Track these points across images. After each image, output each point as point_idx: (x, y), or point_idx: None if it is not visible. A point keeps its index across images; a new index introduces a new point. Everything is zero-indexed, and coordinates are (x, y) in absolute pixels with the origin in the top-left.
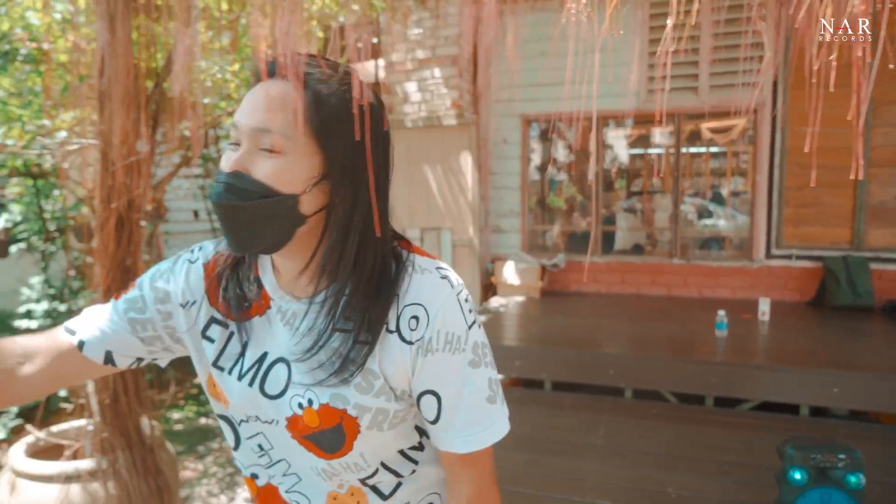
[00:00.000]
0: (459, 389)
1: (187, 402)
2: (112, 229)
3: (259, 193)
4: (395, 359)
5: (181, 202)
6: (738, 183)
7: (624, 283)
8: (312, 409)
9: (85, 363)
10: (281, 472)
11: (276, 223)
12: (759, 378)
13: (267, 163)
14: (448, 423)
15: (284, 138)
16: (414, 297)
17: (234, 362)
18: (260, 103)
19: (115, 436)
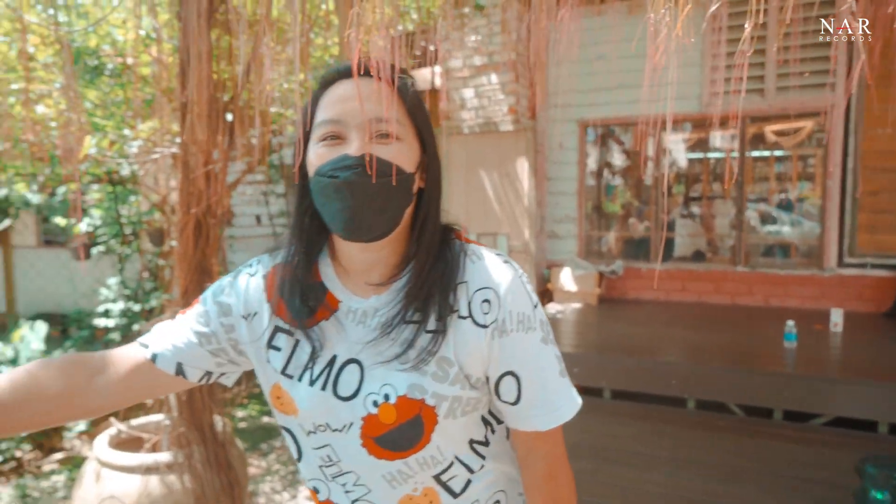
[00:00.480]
0: (536, 367)
1: (251, 401)
2: (191, 233)
3: (388, 172)
4: (469, 344)
5: (245, 207)
6: (805, 188)
7: (685, 291)
8: (389, 403)
9: (157, 376)
10: (352, 482)
11: (398, 200)
12: (834, 392)
13: (388, 148)
14: (529, 402)
15: (399, 126)
16: (482, 281)
17: (303, 369)
18: (369, 96)
19: (190, 431)
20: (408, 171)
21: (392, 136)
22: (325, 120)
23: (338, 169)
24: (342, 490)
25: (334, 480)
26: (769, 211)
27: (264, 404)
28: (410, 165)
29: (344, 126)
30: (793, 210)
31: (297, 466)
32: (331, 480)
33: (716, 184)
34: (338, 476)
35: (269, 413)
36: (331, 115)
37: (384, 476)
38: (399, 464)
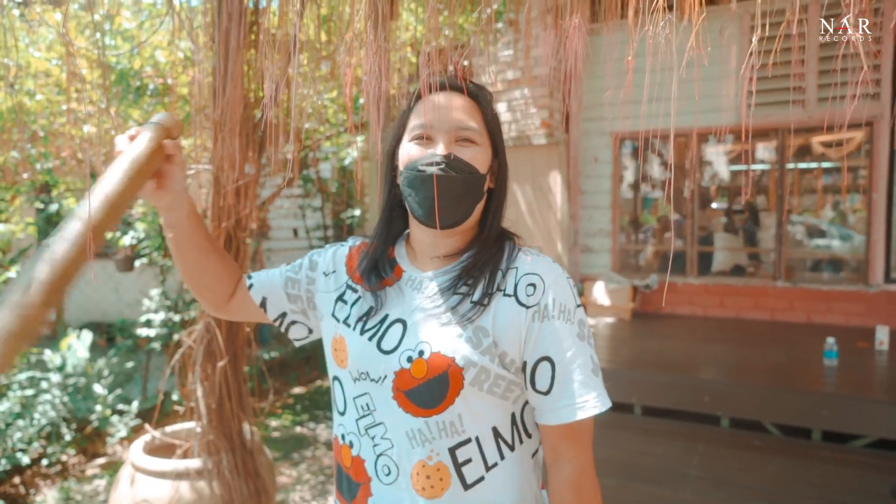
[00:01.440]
0: (571, 357)
1: (284, 411)
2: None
3: (468, 170)
4: (509, 319)
5: (282, 220)
6: (855, 201)
7: (723, 307)
8: (422, 359)
9: (247, 300)
10: (380, 435)
11: (472, 196)
12: (876, 413)
13: (468, 150)
14: (560, 390)
15: (478, 133)
16: (531, 268)
17: (358, 320)
18: (455, 107)
19: (219, 438)
20: (481, 172)
21: (472, 142)
22: (419, 124)
23: (426, 164)
24: (371, 444)
25: (366, 433)
26: (813, 224)
27: (297, 414)
28: (484, 168)
29: (433, 130)
30: (838, 223)
31: (325, 472)
32: (363, 434)
33: (759, 196)
34: (371, 427)
35: (302, 423)
36: (423, 121)
37: (407, 433)
38: (420, 422)
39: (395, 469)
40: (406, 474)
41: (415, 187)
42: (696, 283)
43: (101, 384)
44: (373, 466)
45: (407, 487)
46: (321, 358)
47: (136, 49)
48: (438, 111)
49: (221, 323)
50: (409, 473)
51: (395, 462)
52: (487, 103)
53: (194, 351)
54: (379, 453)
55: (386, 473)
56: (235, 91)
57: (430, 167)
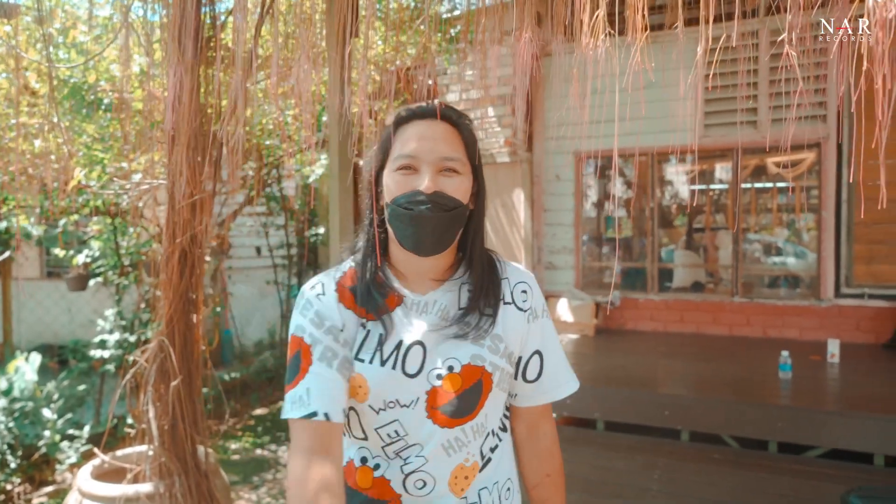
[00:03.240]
0: (553, 348)
1: (244, 432)
2: (176, 263)
3: (453, 205)
4: (513, 324)
5: (244, 238)
6: (808, 219)
7: (683, 322)
8: (454, 373)
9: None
10: (414, 454)
11: (455, 227)
12: (829, 424)
13: (451, 181)
14: (547, 377)
15: (460, 163)
16: (519, 277)
17: (373, 353)
18: (439, 137)
19: (172, 461)
20: (464, 203)
21: (455, 171)
22: (403, 154)
23: (412, 203)
24: (400, 464)
25: (397, 457)
26: (767, 242)
27: (258, 436)
28: (466, 197)
29: (418, 161)
30: (792, 241)
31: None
32: (393, 458)
33: (718, 215)
34: (402, 450)
35: (263, 446)
36: (408, 151)
37: (443, 445)
38: (457, 430)
39: (432, 480)
40: (444, 481)
41: (402, 223)
42: (657, 299)
43: (50, 408)
44: (401, 484)
45: (444, 492)
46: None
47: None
48: (422, 142)
49: (175, 341)
50: (446, 479)
51: (431, 474)
52: (468, 130)
53: (146, 370)
54: (409, 472)
55: (419, 487)
56: (189, 105)
57: (415, 206)
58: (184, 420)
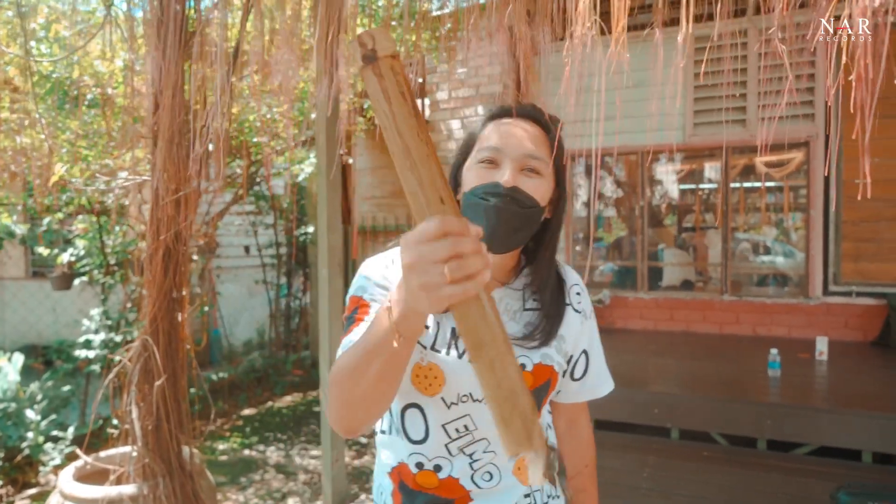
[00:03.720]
0: (598, 348)
1: (233, 433)
2: (160, 261)
3: (529, 204)
4: (571, 325)
5: (233, 238)
6: (797, 218)
7: (672, 320)
8: (526, 371)
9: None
10: (482, 450)
11: (530, 227)
12: (817, 421)
13: (531, 181)
14: (591, 376)
15: (544, 164)
16: (573, 280)
17: (447, 345)
18: (526, 136)
19: (156, 462)
20: (541, 206)
21: (537, 172)
22: (489, 146)
23: (489, 194)
24: (467, 462)
25: (461, 453)
26: (757, 240)
27: (246, 437)
28: (544, 200)
29: (501, 154)
30: (781, 240)
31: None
32: (455, 455)
33: (707, 214)
34: (468, 446)
35: (251, 446)
36: (494, 143)
37: None
38: None
39: (498, 471)
40: (508, 471)
41: (475, 213)
42: (647, 297)
43: (33, 409)
44: (469, 480)
45: (509, 481)
46: (273, 377)
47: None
48: (508, 138)
49: (159, 340)
50: (511, 470)
51: (498, 466)
52: (556, 135)
53: (130, 370)
54: (478, 467)
55: (487, 480)
56: (174, 100)
57: (492, 198)
58: (168, 420)
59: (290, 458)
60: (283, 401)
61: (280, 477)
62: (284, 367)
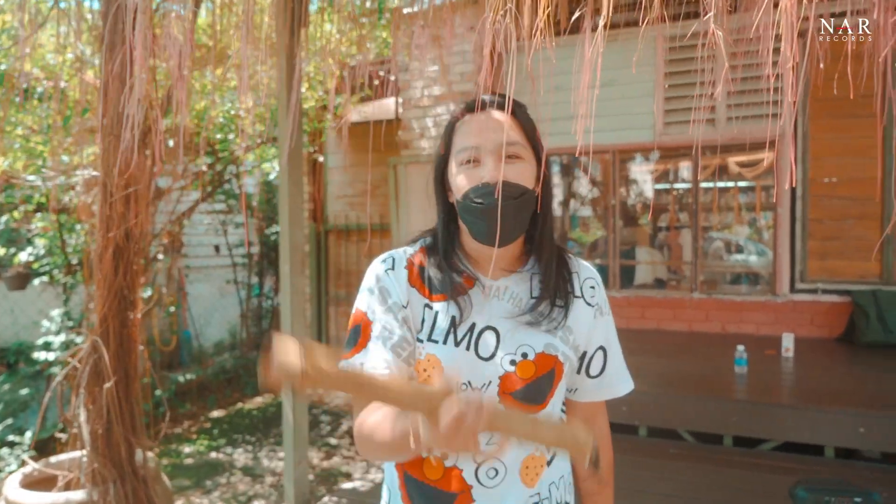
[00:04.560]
0: (616, 346)
1: (200, 435)
2: (110, 259)
3: (520, 191)
4: (581, 317)
5: (202, 237)
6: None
7: (644, 318)
8: (528, 360)
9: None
10: (484, 441)
11: (525, 213)
12: (781, 417)
13: (514, 168)
14: (610, 373)
15: (522, 148)
16: (588, 273)
17: (446, 333)
18: (498, 126)
19: (106, 467)
20: (530, 188)
21: (517, 157)
22: (466, 146)
23: (481, 195)
24: (471, 456)
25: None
26: (727, 239)
27: (214, 439)
28: (531, 182)
29: (479, 151)
30: (752, 239)
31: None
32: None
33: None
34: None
35: (218, 448)
36: (470, 142)
37: None
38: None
39: (503, 468)
40: (514, 471)
41: (473, 216)
42: (619, 295)
43: None
44: (472, 474)
45: (514, 481)
46: (244, 378)
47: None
48: (481, 133)
49: (110, 341)
50: (517, 469)
51: (504, 462)
52: (525, 115)
53: (79, 372)
54: (482, 461)
55: (491, 476)
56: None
57: (484, 198)
58: (121, 423)
59: (257, 460)
60: (253, 402)
61: (246, 480)
62: (255, 368)
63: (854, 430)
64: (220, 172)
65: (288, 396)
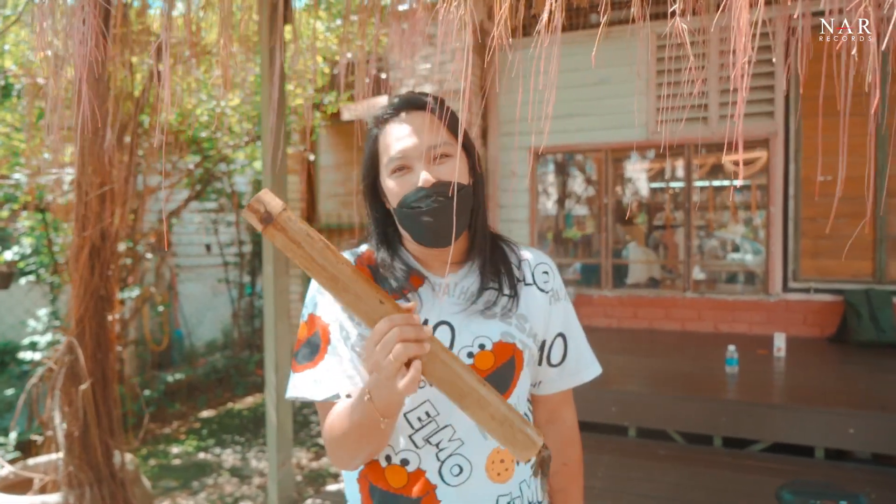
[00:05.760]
0: (576, 331)
1: (188, 436)
2: (86, 258)
3: (456, 188)
4: (536, 304)
5: (193, 236)
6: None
7: (636, 318)
8: (486, 350)
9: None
10: (447, 438)
11: (465, 208)
12: (770, 417)
13: (445, 167)
14: (571, 361)
15: (449, 146)
16: (539, 259)
17: None
18: (418, 128)
19: (82, 470)
20: (465, 184)
21: (447, 155)
22: (391, 158)
23: (417, 201)
24: (434, 452)
25: (427, 443)
26: (720, 238)
27: (202, 439)
28: (465, 177)
29: (408, 159)
30: (745, 237)
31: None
32: (422, 447)
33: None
34: (434, 434)
35: (207, 449)
36: (394, 153)
37: (478, 426)
38: None
39: (468, 465)
40: (480, 466)
41: (414, 222)
42: (612, 295)
43: None
44: (436, 473)
45: (480, 479)
46: (235, 378)
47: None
48: (404, 139)
49: (86, 341)
50: (482, 465)
51: (468, 458)
52: (445, 110)
53: (55, 373)
54: (445, 458)
55: (456, 473)
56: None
57: (421, 203)
58: (97, 426)
59: (245, 461)
60: (243, 402)
61: (234, 481)
62: (247, 368)
63: (844, 431)
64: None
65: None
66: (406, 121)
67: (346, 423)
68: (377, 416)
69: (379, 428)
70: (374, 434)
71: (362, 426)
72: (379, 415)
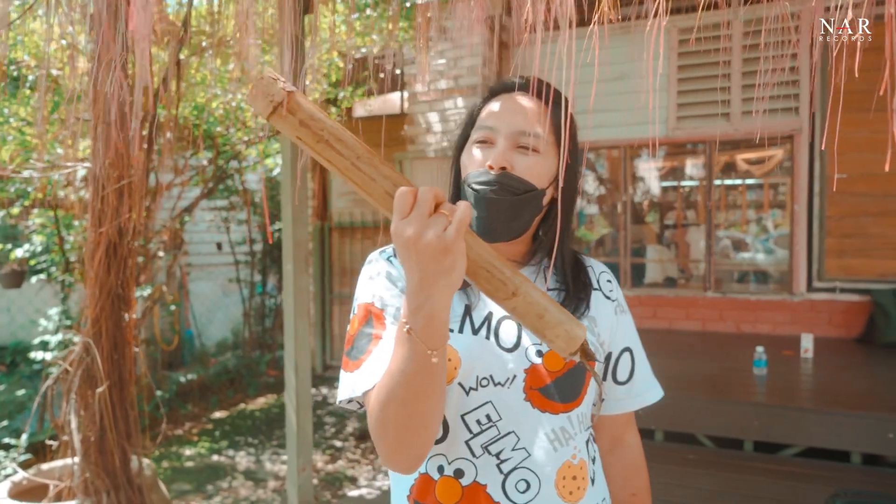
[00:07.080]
0: (640, 348)
1: (201, 437)
2: (102, 256)
3: (523, 189)
4: (602, 310)
5: (204, 234)
6: (777, 215)
7: (656, 318)
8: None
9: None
10: (510, 447)
11: (528, 213)
12: (805, 421)
13: (526, 160)
14: (638, 378)
15: (542, 141)
16: (602, 267)
17: (460, 322)
18: (520, 110)
19: (99, 476)
20: (539, 188)
21: (533, 150)
22: (483, 125)
23: (479, 182)
24: (495, 463)
25: (486, 452)
26: (740, 237)
27: (215, 441)
28: (542, 180)
29: (495, 133)
30: (763, 237)
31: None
32: (479, 456)
33: (689, 211)
34: (494, 442)
35: (220, 451)
36: (487, 123)
37: (547, 435)
38: (563, 418)
39: (536, 480)
40: (549, 482)
41: (473, 203)
42: (630, 294)
43: None
44: (499, 489)
45: (550, 497)
46: (246, 378)
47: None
48: (502, 114)
49: (103, 343)
50: (552, 481)
51: (535, 472)
52: (560, 108)
53: (70, 376)
54: (508, 470)
55: (522, 490)
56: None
57: (481, 186)
58: (114, 430)
59: (260, 463)
60: (255, 403)
61: (249, 484)
62: (258, 368)
63: (882, 436)
64: (222, 167)
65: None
66: (513, 99)
67: (389, 385)
68: (423, 348)
69: (431, 371)
70: (425, 383)
71: (408, 375)
72: (425, 346)
